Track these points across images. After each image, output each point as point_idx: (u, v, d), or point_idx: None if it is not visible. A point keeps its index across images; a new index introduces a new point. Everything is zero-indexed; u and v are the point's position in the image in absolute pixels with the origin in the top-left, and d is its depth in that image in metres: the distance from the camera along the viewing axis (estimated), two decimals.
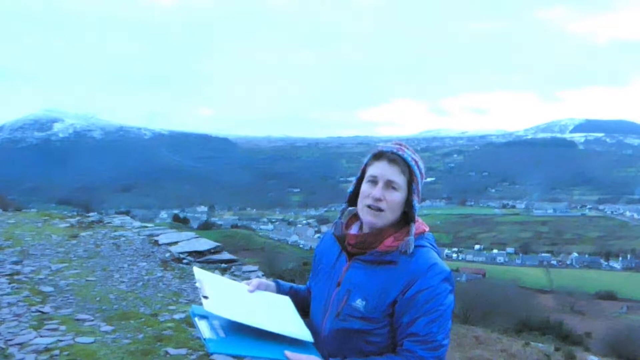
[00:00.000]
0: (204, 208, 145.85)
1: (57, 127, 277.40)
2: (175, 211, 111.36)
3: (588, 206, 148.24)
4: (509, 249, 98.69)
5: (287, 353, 1.32)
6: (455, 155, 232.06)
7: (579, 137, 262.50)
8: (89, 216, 11.21)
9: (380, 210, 1.40)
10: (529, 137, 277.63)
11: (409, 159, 1.42)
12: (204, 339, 1.37)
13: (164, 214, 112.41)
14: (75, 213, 13.09)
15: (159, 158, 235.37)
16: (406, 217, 1.46)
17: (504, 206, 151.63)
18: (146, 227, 10.10)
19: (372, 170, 1.43)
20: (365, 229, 1.47)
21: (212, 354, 1.30)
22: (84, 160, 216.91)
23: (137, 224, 10.56)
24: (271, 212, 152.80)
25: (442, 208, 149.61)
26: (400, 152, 1.42)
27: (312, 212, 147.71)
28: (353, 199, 1.51)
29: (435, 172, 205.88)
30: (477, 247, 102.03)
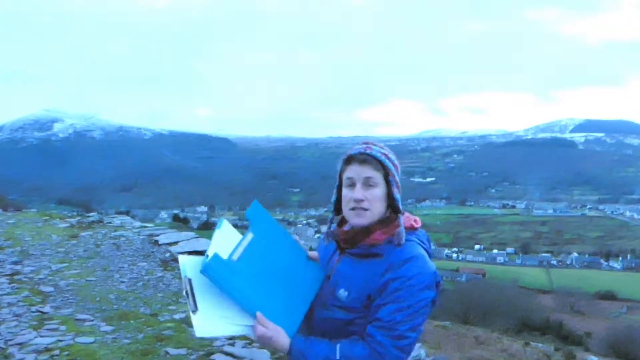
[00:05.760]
0: (204, 208, 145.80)
1: (57, 127, 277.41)
2: (175, 211, 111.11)
3: (588, 206, 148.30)
4: (509, 249, 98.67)
5: (259, 315, 1.38)
6: (455, 155, 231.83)
7: (579, 137, 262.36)
8: (89, 216, 11.21)
9: (364, 209, 1.44)
10: (529, 137, 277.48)
11: (378, 154, 1.45)
12: (207, 255, 1.37)
13: (164, 214, 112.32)
14: (75, 213, 13.11)
15: (159, 158, 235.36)
16: (394, 211, 1.49)
17: (504, 206, 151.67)
18: (146, 227, 10.10)
19: (347, 174, 1.47)
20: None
21: (202, 271, 1.32)
22: (84, 160, 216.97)
23: (137, 224, 10.57)
24: (271, 212, 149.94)
25: (442, 208, 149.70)
26: (368, 151, 1.46)
27: (312, 212, 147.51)
28: (338, 206, 1.55)
29: (435, 172, 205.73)
30: (477, 247, 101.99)
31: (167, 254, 7.59)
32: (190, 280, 1.37)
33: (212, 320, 1.35)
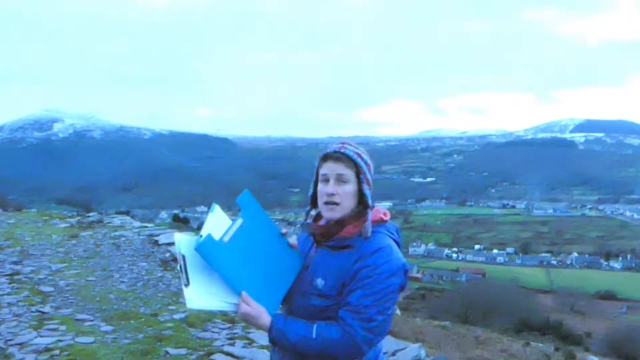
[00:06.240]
0: (204, 208, 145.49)
1: (57, 127, 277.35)
2: (175, 211, 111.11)
3: (588, 206, 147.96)
4: (509, 249, 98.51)
5: (244, 294, 1.51)
6: (455, 155, 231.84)
7: (579, 137, 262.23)
8: (89, 216, 11.22)
9: (335, 203, 1.59)
10: (529, 137, 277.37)
11: (351, 153, 1.60)
12: (201, 235, 1.49)
13: (164, 214, 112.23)
14: (75, 213, 13.13)
15: (159, 158, 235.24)
16: (364, 206, 1.63)
17: (504, 206, 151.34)
18: (146, 227, 10.12)
19: (322, 171, 1.62)
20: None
21: (196, 249, 1.44)
22: (84, 160, 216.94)
23: (137, 224, 10.58)
24: (271, 212, 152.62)
25: (442, 208, 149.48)
26: (342, 150, 1.61)
27: (312, 212, 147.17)
28: (315, 200, 1.70)
29: (435, 172, 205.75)
30: (477, 247, 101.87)
31: (167, 254, 7.59)
32: (184, 256, 1.49)
33: (202, 294, 1.48)
